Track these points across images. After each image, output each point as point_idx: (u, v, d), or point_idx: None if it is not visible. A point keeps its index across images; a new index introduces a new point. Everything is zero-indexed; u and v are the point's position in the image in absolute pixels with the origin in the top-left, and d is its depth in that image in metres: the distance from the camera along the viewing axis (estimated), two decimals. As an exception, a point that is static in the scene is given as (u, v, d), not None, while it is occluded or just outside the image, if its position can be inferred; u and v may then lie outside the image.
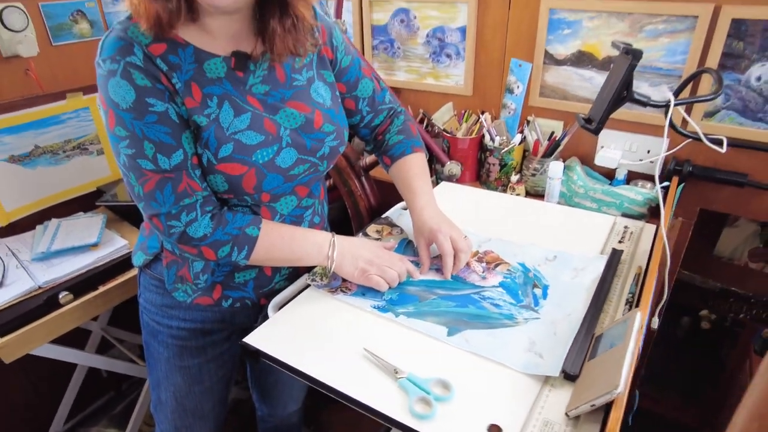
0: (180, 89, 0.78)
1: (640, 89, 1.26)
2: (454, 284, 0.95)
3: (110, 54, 0.74)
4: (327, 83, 0.94)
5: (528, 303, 0.90)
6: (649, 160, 1.30)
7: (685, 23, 1.15)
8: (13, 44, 1.44)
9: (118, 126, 0.76)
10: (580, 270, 0.97)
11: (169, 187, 0.79)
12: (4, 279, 1.30)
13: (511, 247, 1.05)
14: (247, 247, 0.85)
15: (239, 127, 0.82)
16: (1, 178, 1.47)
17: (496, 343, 0.81)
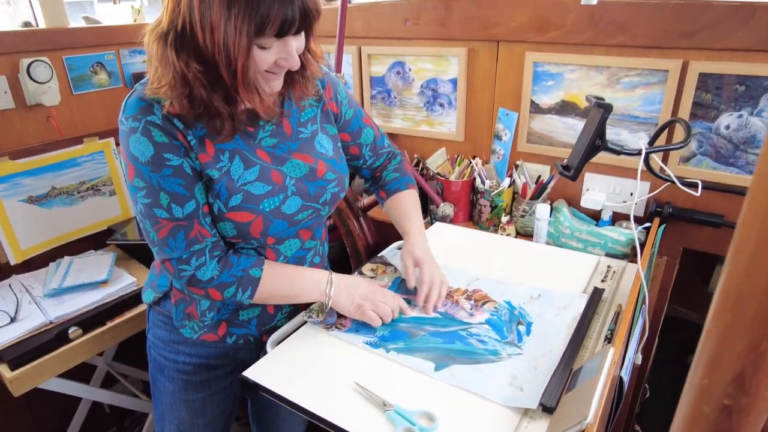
0: (194, 145, 0.86)
1: (620, 135, 1.34)
2: (443, 321, 1.00)
3: (132, 113, 0.82)
4: (329, 135, 1.03)
5: (512, 339, 0.95)
6: (632, 202, 1.36)
7: (658, 76, 1.24)
8: (37, 94, 1.55)
9: (137, 177, 0.84)
10: (563, 308, 1.03)
11: (182, 234, 0.86)
12: (17, 314, 1.36)
13: (499, 286, 1.11)
14: (251, 287, 0.91)
15: (248, 179, 0.90)
16: (19, 218, 1.56)
17: (480, 377, 0.85)
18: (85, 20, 1.82)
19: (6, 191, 1.53)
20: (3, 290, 1.48)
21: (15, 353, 1.26)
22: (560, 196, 1.47)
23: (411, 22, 1.54)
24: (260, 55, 0.80)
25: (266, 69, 0.82)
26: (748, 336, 0.26)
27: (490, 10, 1.40)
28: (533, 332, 0.96)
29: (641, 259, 1.06)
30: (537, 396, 0.80)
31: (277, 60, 0.82)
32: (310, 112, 1.01)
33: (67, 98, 1.67)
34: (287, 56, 0.81)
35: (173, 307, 1.01)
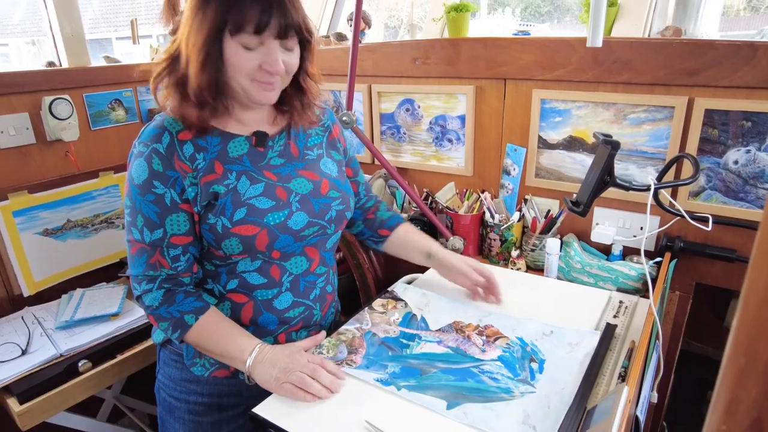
0: (202, 167, 0.92)
1: (629, 170, 1.36)
2: (454, 357, 0.99)
3: (145, 139, 0.92)
4: (335, 160, 1.08)
5: (524, 377, 0.94)
6: (643, 237, 1.36)
7: (664, 113, 1.26)
8: (57, 130, 1.60)
9: (128, 196, 0.93)
10: (575, 345, 1.01)
11: (144, 257, 0.93)
12: (29, 346, 1.37)
13: (511, 322, 1.10)
14: (180, 331, 0.94)
15: (253, 194, 0.94)
16: (35, 250, 1.59)
17: (492, 415, 0.84)
18: (106, 59, 1.89)
19: (23, 224, 1.56)
20: (15, 322, 1.49)
21: (24, 386, 1.26)
22: (570, 230, 1.47)
23: (420, 61, 1.58)
24: (244, 56, 0.86)
25: (254, 77, 0.88)
26: (764, 381, 0.26)
27: (497, 50, 1.44)
28: (546, 369, 0.95)
29: (653, 294, 1.05)
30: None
31: (261, 64, 0.87)
32: (316, 139, 1.07)
33: (85, 134, 1.72)
34: (271, 61, 0.87)
35: (184, 345, 1.01)
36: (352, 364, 0.98)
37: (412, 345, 1.03)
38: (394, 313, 1.15)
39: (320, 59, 1.85)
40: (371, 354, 1.00)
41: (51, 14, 1.72)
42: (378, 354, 1.00)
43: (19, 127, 1.56)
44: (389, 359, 0.99)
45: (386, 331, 1.07)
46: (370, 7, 7.51)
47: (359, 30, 1.38)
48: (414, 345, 1.03)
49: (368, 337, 1.05)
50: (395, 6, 8.95)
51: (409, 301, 1.19)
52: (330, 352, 1.00)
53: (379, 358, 0.99)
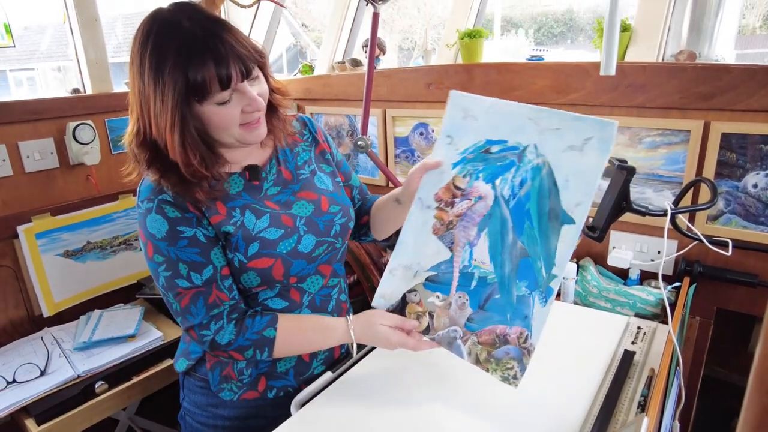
0: (206, 210, 0.90)
1: (645, 194, 1.34)
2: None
3: (146, 195, 0.89)
4: (327, 173, 1.08)
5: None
6: (660, 262, 1.34)
7: (680, 136, 1.25)
8: (80, 155, 1.65)
9: (156, 254, 0.89)
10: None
11: (201, 300, 0.90)
12: (47, 367, 1.39)
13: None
14: (267, 348, 0.93)
15: (262, 227, 0.93)
16: (55, 271, 1.62)
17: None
18: (127, 85, 1.95)
19: (45, 245, 1.59)
20: (35, 342, 1.51)
21: (42, 407, 1.27)
22: (586, 254, 1.45)
23: (434, 86, 1.60)
24: (223, 111, 0.85)
25: (241, 122, 0.87)
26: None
27: (510, 74, 1.46)
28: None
29: (672, 320, 1.04)
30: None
31: (243, 108, 0.86)
32: (305, 155, 1.06)
33: (107, 157, 1.77)
34: (249, 101, 0.86)
35: (209, 372, 1.01)
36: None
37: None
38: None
39: (336, 85, 1.90)
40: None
41: (77, 41, 1.79)
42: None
43: (44, 152, 1.61)
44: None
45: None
46: (384, 30, 7.60)
47: (374, 56, 1.40)
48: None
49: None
50: (409, 29, 9.10)
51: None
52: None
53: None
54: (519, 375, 0.85)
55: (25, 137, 1.58)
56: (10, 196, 1.57)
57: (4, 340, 1.54)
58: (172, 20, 0.82)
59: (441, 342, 0.92)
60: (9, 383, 1.32)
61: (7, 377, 1.33)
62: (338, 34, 2.06)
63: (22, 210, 1.57)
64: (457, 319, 0.90)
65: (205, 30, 0.82)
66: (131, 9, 7.90)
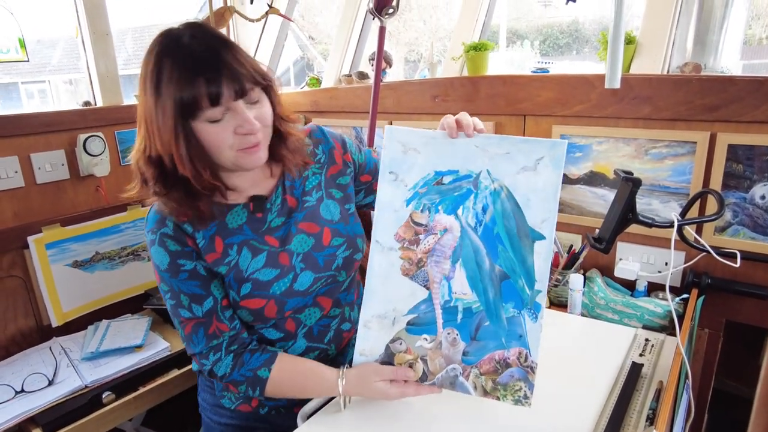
0: (203, 246, 0.91)
1: (651, 206, 1.34)
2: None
3: (151, 227, 0.91)
4: (336, 200, 1.03)
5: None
6: (668, 273, 1.34)
7: (686, 147, 1.26)
8: (90, 166, 1.67)
9: (162, 282, 0.93)
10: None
11: (202, 330, 0.93)
12: (55, 377, 1.39)
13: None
14: (259, 387, 0.94)
15: (256, 267, 0.93)
16: (64, 282, 1.63)
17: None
18: (137, 98, 1.97)
19: (54, 256, 1.61)
20: (43, 352, 1.52)
21: (50, 417, 1.28)
22: (593, 265, 1.45)
23: (440, 99, 1.61)
24: (215, 130, 0.82)
25: (235, 146, 0.84)
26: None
27: (516, 87, 1.47)
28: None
29: (680, 332, 1.03)
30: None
31: (235, 129, 0.83)
32: (314, 180, 1.01)
33: (116, 168, 1.79)
34: (242, 122, 0.83)
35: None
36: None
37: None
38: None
39: (343, 97, 1.91)
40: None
41: (89, 54, 1.82)
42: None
43: (55, 163, 1.64)
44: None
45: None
46: (390, 42, 7.66)
47: (381, 69, 1.42)
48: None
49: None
50: (415, 41, 9.17)
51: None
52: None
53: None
54: (529, 394, 0.85)
55: (37, 149, 1.60)
56: (22, 207, 1.59)
57: (14, 350, 1.55)
58: (177, 37, 0.83)
59: (443, 384, 0.89)
60: (17, 393, 1.33)
61: (15, 387, 1.34)
62: (345, 47, 2.08)
63: (33, 221, 1.59)
64: (453, 357, 0.87)
65: (204, 47, 0.82)
66: (142, 22, 8.03)
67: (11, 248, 1.55)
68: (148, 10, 8.62)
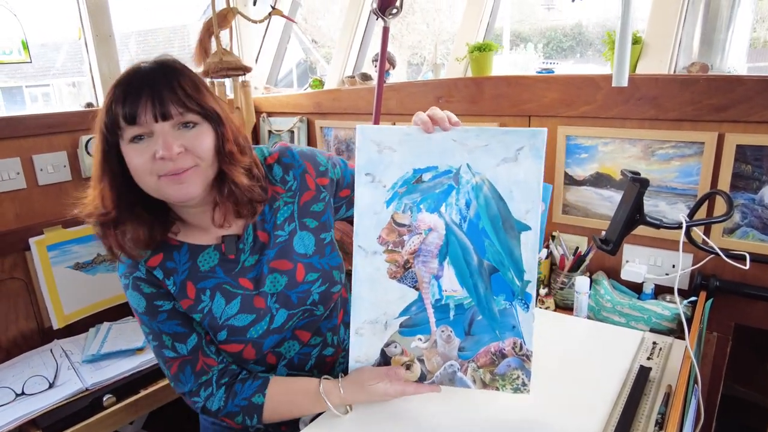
0: (175, 292, 0.89)
1: (658, 207, 1.33)
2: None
3: (122, 272, 0.90)
4: (310, 230, 0.97)
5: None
6: (675, 275, 1.32)
7: (693, 148, 1.24)
8: (92, 167, 1.66)
9: (143, 325, 0.91)
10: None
11: (189, 368, 0.90)
12: (56, 380, 1.38)
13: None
14: (256, 414, 0.91)
15: (230, 313, 0.91)
16: (66, 284, 1.62)
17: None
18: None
19: (56, 258, 1.60)
20: (44, 355, 1.51)
21: (50, 420, 1.27)
22: (599, 267, 1.43)
23: (443, 100, 1.60)
24: (134, 151, 0.79)
25: (156, 172, 0.79)
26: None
27: (520, 88, 1.46)
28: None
29: (689, 335, 1.01)
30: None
31: (154, 153, 0.78)
32: (286, 211, 0.96)
33: (119, 170, 1.78)
34: (159, 145, 0.78)
35: None
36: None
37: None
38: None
39: (346, 99, 1.90)
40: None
41: (92, 57, 1.82)
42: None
43: (57, 165, 1.63)
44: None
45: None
46: (393, 45, 7.69)
47: (384, 70, 1.41)
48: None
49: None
50: (418, 44, 9.17)
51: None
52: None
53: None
54: (527, 381, 0.87)
55: (39, 150, 1.60)
56: (24, 208, 1.59)
57: (15, 352, 1.54)
58: (137, 66, 0.82)
59: (442, 381, 0.89)
60: (18, 395, 1.32)
61: (16, 389, 1.33)
62: (348, 48, 2.08)
63: (35, 222, 1.59)
64: (449, 353, 0.87)
65: (149, 72, 0.80)
66: (145, 26, 8.06)
67: (13, 250, 1.54)
68: (152, 13, 8.66)
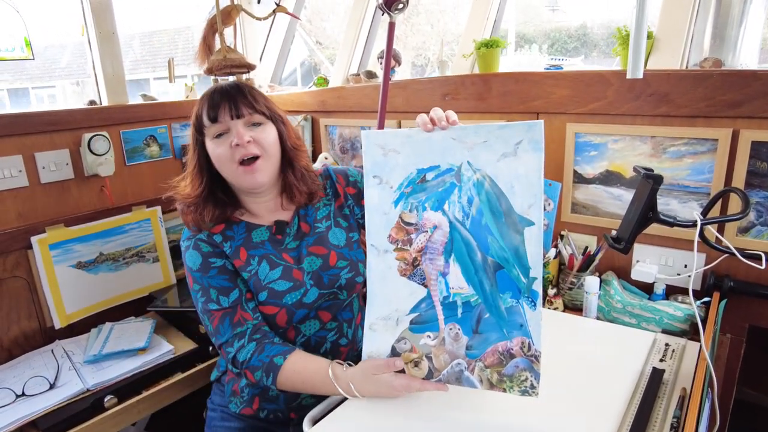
0: (230, 253, 1.07)
1: (670, 206, 1.30)
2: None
3: (187, 236, 1.09)
4: (343, 228, 1.16)
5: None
6: (687, 275, 1.29)
7: (706, 145, 1.21)
8: (94, 166, 1.65)
9: (195, 283, 1.05)
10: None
11: (228, 320, 1.02)
12: (57, 380, 1.36)
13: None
14: (272, 374, 0.98)
15: (273, 278, 1.06)
16: (68, 283, 1.60)
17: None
18: (143, 97, 1.96)
19: (58, 257, 1.58)
20: (45, 355, 1.50)
21: (51, 422, 1.25)
22: (609, 267, 1.40)
23: (450, 97, 1.58)
24: (217, 144, 1.02)
25: (234, 159, 1.01)
26: None
27: (528, 84, 1.43)
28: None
29: (704, 337, 0.98)
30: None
31: (231, 143, 1.01)
32: (324, 210, 1.16)
33: (120, 169, 1.77)
34: (235, 135, 1.01)
35: (226, 385, 1.18)
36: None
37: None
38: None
39: (351, 97, 1.88)
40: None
41: (95, 56, 1.80)
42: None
43: (59, 163, 1.61)
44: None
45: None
46: (397, 46, 7.67)
47: (390, 67, 1.39)
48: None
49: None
50: (422, 45, 9.16)
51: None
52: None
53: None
54: (535, 383, 0.85)
55: (41, 148, 1.58)
56: (26, 206, 1.57)
57: (17, 352, 1.52)
58: (219, 85, 1.07)
59: (449, 380, 0.89)
60: (18, 396, 1.30)
61: (16, 390, 1.31)
62: (353, 46, 2.06)
63: (37, 221, 1.57)
64: (457, 352, 0.88)
65: (228, 86, 1.05)
66: (149, 27, 8.07)
67: (15, 249, 1.52)
68: (156, 15, 8.68)
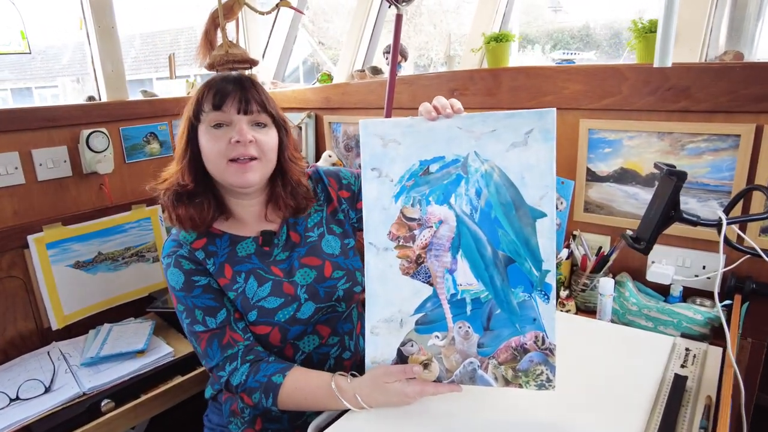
0: (213, 271, 0.98)
1: (688, 205, 1.25)
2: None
3: (167, 252, 0.99)
4: (336, 234, 1.08)
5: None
6: (705, 276, 1.24)
7: (728, 142, 1.16)
8: (93, 163, 1.61)
9: (179, 303, 0.98)
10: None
11: (216, 342, 0.95)
12: (52, 384, 1.32)
13: None
14: (272, 393, 0.91)
15: (262, 295, 0.98)
16: (65, 283, 1.56)
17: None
18: (143, 93, 1.92)
19: (56, 256, 1.54)
20: (41, 358, 1.45)
21: (45, 426, 1.21)
22: (623, 268, 1.36)
23: (458, 93, 1.53)
24: (213, 134, 0.94)
25: (228, 155, 0.93)
26: None
27: (540, 79, 1.39)
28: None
29: (731, 342, 0.93)
30: None
31: (230, 138, 0.93)
32: (316, 217, 1.08)
33: (120, 166, 1.72)
34: (238, 131, 0.92)
35: (224, 404, 1.09)
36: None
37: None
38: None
39: (355, 93, 1.84)
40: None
41: (95, 53, 1.76)
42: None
43: (57, 160, 1.57)
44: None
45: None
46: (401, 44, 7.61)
47: (397, 60, 1.34)
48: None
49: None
50: (425, 45, 9.12)
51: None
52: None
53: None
54: (551, 377, 0.82)
55: (38, 145, 1.54)
56: (22, 205, 1.53)
57: (13, 354, 1.48)
58: (221, 74, 0.99)
59: (462, 380, 0.84)
60: (12, 400, 1.26)
61: (10, 394, 1.27)
62: (358, 41, 2.01)
63: (34, 219, 1.53)
64: (468, 350, 0.83)
65: (235, 77, 0.96)
66: (152, 27, 8.05)
67: (11, 248, 1.48)
68: (157, 16, 8.66)
